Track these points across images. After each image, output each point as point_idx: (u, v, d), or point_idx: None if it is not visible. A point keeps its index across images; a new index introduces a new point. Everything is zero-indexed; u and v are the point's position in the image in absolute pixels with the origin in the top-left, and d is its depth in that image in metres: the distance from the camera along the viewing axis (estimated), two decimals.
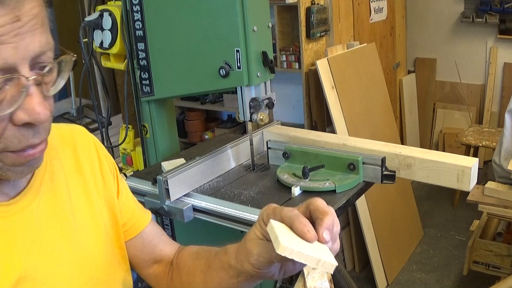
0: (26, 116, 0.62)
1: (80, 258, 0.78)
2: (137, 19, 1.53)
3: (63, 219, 0.77)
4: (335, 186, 1.35)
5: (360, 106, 3.13)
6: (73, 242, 0.78)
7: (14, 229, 0.70)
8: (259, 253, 0.72)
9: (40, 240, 0.73)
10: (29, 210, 0.72)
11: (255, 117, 1.44)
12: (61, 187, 0.79)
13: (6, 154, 0.65)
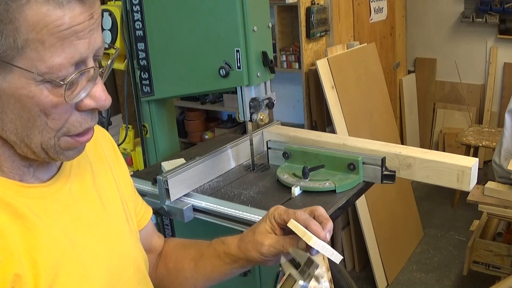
0: (93, 102, 0.70)
1: (111, 236, 0.84)
2: (137, 19, 1.53)
3: (92, 201, 0.83)
4: (335, 186, 1.35)
5: (360, 106, 3.13)
6: (103, 221, 0.83)
7: (51, 209, 0.74)
8: (271, 244, 0.88)
9: (76, 220, 0.78)
10: (63, 192, 0.78)
11: (255, 117, 1.44)
12: (87, 173, 0.85)
13: (65, 139, 0.71)
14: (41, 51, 0.63)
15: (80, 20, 0.64)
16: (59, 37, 0.63)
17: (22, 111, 0.66)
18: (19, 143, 0.69)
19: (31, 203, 0.71)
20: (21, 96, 0.65)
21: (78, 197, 0.80)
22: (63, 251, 0.73)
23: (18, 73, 0.63)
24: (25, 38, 0.61)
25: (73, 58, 0.65)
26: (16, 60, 0.63)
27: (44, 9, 0.61)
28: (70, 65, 0.65)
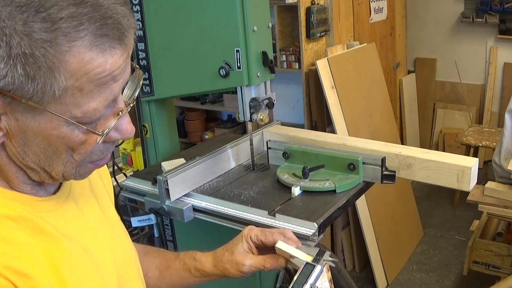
0: (119, 135, 0.70)
1: (115, 241, 0.85)
2: (137, 19, 1.53)
3: (93, 207, 0.84)
4: (335, 186, 1.35)
5: (360, 106, 3.13)
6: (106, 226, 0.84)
7: (63, 220, 0.74)
8: (252, 264, 0.95)
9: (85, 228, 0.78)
10: (69, 201, 0.77)
11: (255, 117, 1.44)
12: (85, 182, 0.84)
13: (86, 165, 0.71)
14: (78, 97, 0.61)
15: (119, 64, 0.63)
16: (98, 84, 0.61)
17: (48, 147, 0.65)
18: (38, 170, 0.68)
19: (46, 216, 0.71)
20: (50, 136, 0.64)
21: (82, 204, 0.80)
22: (83, 262, 0.73)
23: (50, 115, 0.61)
24: (64, 86, 0.59)
25: (107, 101, 0.64)
26: (50, 106, 0.60)
27: (87, 56, 0.59)
28: (104, 108, 0.64)
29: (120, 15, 0.61)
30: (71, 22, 0.57)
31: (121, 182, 1.58)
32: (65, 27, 0.57)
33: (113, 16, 0.60)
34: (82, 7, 0.58)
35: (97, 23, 0.59)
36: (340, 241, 3.18)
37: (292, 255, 0.92)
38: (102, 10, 0.59)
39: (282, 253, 0.94)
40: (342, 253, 3.20)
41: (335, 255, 0.93)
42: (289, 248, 0.93)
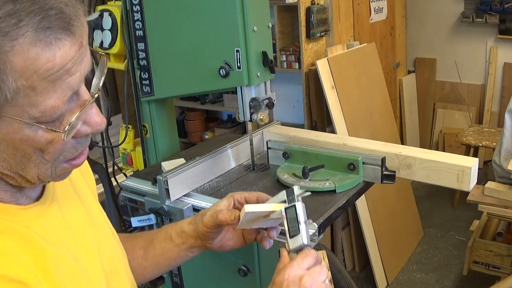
0: (89, 128, 0.67)
1: (101, 243, 0.83)
2: (137, 19, 1.53)
3: (79, 211, 0.82)
4: (335, 186, 1.35)
5: (360, 106, 3.13)
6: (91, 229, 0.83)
7: (49, 226, 0.72)
8: (211, 215, 0.96)
9: (71, 232, 0.76)
10: (54, 207, 0.76)
11: (255, 117, 1.44)
12: (67, 182, 0.82)
13: (62, 166, 0.69)
14: (32, 97, 0.58)
15: (71, 55, 0.59)
16: (50, 80, 0.58)
17: (16, 151, 0.63)
18: (13, 176, 0.66)
19: (31, 224, 0.69)
20: (13, 140, 0.61)
21: (66, 208, 0.78)
22: (71, 267, 0.72)
23: (7, 120, 0.59)
24: (14, 87, 0.56)
25: (66, 97, 0.61)
26: (5, 110, 0.58)
27: (32, 53, 0.56)
28: (64, 104, 0.61)
29: (63, 4, 0.59)
30: (9, 20, 0.55)
31: (121, 182, 1.58)
32: (4, 27, 0.55)
33: (54, 6, 0.58)
34: (19, 3, 0.55)
35: (38, 16, 0.56)
36: (340, 241, 3.18)
37: (265, 211, 0.91)
38: (42, 2, 0.57)
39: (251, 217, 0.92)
40: (342, 253, 3.20)
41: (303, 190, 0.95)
42: (259, 207, 0.92)
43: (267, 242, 0.98)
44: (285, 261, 0.83)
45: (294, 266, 0.79)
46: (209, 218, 0.95)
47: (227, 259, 1.47)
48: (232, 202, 0.98)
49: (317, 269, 0.79)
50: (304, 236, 0.84)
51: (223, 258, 1.48)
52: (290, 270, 0.79)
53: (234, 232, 1.02)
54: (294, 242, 0.84)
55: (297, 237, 0.84)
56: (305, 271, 0.79)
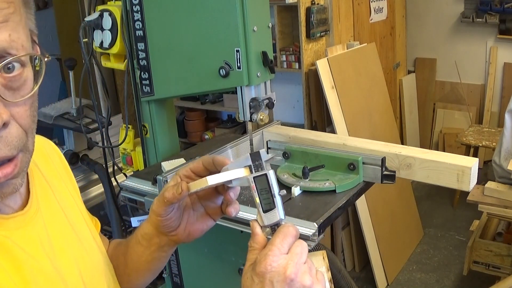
0: None
1: (84, 255, 0.81)
2: (137, 19, 1.53)
3: (61, 222, 0.79)
4: (335, 186, 1.35)
5: (360, 106, 3.13)
6: (74, 241, 0.81)
7: (32, 238, 0.69)
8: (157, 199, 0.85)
9: (54, 244, 0.74)
10: (38, 218, 0.73)
11: (255, 117, 1.44)
12: (49, 193, 0.80)
13: None
14: None
15: None
16: None
17: None
18: None
19: (12, 235, 0.66)
20: None
21: (49, 220, 0.76)
22: (51, 281, 0.70)
23: None
24: None
25: None
26: None
27: None
28: None
29: None
30: None
31: (121, 182, 1.58)
32: None
33: None
34: None
35: None
36: (340, 241, 3.18)
37: (229, 180, 0.79)
38: None
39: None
40: (342, 253, 3.20)
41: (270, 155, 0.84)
42: (221, 176, 0.79)
43: (233, 209, 0.86)
44: (260, 240, 0.76)
45: (275, 254, 0.72)
46: (157, 204, 0.85)
47: (227, 259, 1.47)
48: (179, 179, 0.86)
49: (297, 249, 0.73)
50: (280, 210, 0.76)
51: (223, 258, 1.48)
52: (272, 258, 0.71)
53: (195, 213, 0.90)
54: (269, 218, 0.76)
55: (273, 212, 0.76)
56: (287, 257, 0.72)
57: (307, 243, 1.09)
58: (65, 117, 2.19)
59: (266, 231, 0.77)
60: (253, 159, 0.79)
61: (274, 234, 0.75)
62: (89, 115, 2.21)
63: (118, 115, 2.84)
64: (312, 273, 0.74)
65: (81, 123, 1.98)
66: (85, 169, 2.23)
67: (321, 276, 0.76)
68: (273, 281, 0.71)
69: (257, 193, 0.77)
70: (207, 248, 1.52)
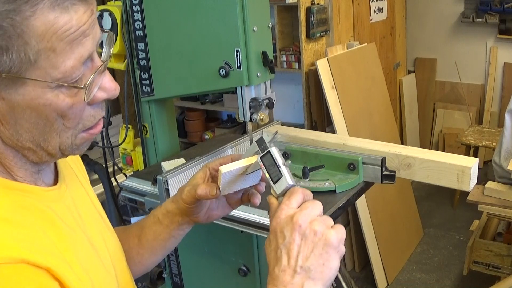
0: (105, 94, 0.71)
1: (106, 234, 0.86)
2: (137, 19, 1.53)
3: (86, 201, 0.85)
4: (335, 186, 1.35)
5: (360, 106, 3.13)
6: (98, 220, 0.86)
7: (68, 212, 0.75)
8: (189, 190, 0.94)
9: (84, 220, 0.79)
10: (68, 194, 0.78)
11: (255, 117, 1.44)
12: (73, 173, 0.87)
13: (81, 135, 0.72)
14: (53, 58, 0.63)
15: (85, 19, 0.65)
16: (68, 41, 0.63)
17: (39, 119, 0.66)
18: (35, 149, 0.69)
19: (53, 206, 0.72)
20: (37, 106, 0.65)
21: (75, 195, 0.81)
22: (89, 253, 0.75)
23: (32, 84, 0.63)
24: (37, 49, 0.61)
25: (82, 57, 0.65)
26: (29, 73, 0.62)
27: (51, 16, 0.61)
28: (81, 65, 0.66)
29: None
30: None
31: (121, 182, 1.58)
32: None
33: None
34: None
35: None
36: None
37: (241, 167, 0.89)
38: None
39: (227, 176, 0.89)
40: None
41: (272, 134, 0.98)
42: (234, 164, 0.90)
43: (256, 198, 0.95)
44: (275, 207, 0.82)
45: (283, 208, 0.78)
46: (187, 194, 0.94)
47: (227, 259, 1.47)
48: (208, 172, 0.96)
49: (308, 204, 0.78)
50: (287, 177, 0.82)
51: (223, 258, 1.48)
52: (280, 213, 0.77)
53: (217, 201, 0.99)
54: (279, 186, 0.83)
55: (281, 180, 0.82)
56: (295, 209, 0.77)
57: None
58: None
59: (280, 201, 0.82)
60: (259, 144, 0.87)
61: None
62: None
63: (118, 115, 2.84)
64: (326, 223, 0.76)
65: None
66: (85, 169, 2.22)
67: (339, 226, 0.77)
68: (283, 231, 0.75)
69: (266, 169, 0.84)
70: (207, 248, 1.52)
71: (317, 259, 0.73)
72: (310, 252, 0.74)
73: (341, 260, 0.81)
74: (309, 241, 0.74)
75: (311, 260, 0.73)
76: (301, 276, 0.73)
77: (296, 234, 0.74)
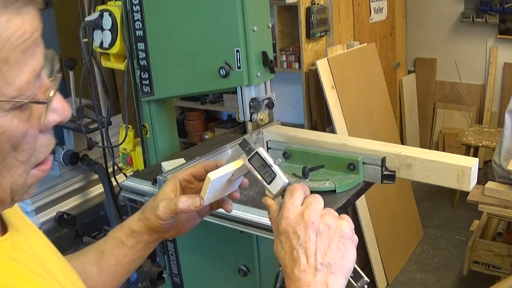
0: (58, 116, 0.62)
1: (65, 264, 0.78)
2: (137, 19, 1.53)
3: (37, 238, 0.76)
4: (335, 186, 1.35)
5: (360, 106, 3.13)
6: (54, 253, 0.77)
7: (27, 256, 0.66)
8: (165, 205, 0.87)
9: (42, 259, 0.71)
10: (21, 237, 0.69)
11: (255, 117, 1.44)
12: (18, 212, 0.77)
13: (33, 172, 0.62)
14: (6, 72, 0.53)
15: (37, 24, 0.56)
16: (22, 50, 0.54)
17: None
18: None
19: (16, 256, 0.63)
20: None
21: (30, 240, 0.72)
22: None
23: None
24: None
25: (35, 71, 0.56)
26: None
27: (3, 19, 0.51)
28: (34, 80, 0.56)
29: None
30: None
31: (121, 182, 1.58)
32: None
33: None
34: None
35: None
36: None
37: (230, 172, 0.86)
38: None
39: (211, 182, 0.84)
40: None
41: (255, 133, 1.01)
42: (222, 170, 0.85)
43: (229, 205, 0.91)
44: (275, 208, 0.80)
45: (289, 208, 0.75)
46: (165, 210, 0.86)
47: (227, 259, 1.47)
48: (178, 184, 0.91)
49: (311, 199, 0.76)
50: (282, 176, 0.81)
51: (223, 258, 1.48)
52: (288, 213, 0.75)
53: (188, 214, 0.93)
54: (275, 186, 0.81)
55: (276, 180, 0.81)
56: (302, 207, 0.75)
57: None
58: None
59: (279, 201, 0.81)
60: (243, 146, 0.84)
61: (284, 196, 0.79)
62: (89, 115, 2.22)
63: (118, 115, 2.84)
64: (335, 215, 0.75)
65: (81, 123, 1.98)
66: (85, 169, 2.22)
67: (346, 216, 0.77)
68: (296, 230, 0.73)
69: (257, 171, 0.83)
70: (207, 248, 1.52)
71: (336, 252, 0.73)
72: (327, 247, 0.72)
73: None
74: (324, 236, 0.73)
75: (330, 255, 0.72)
76: (323, 272, 0.71)
77: (310, 231, 0.73)
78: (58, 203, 2.11)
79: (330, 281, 0.71)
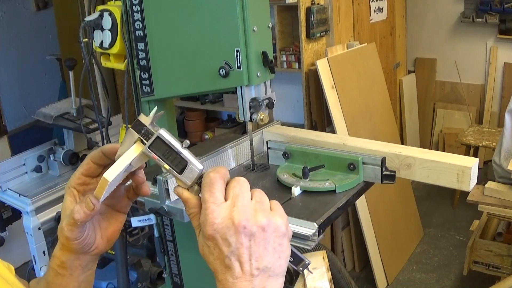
0: None
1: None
2: (137, 19, 1.53)
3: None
4: (335, 186, 1.35)
5: (360, 106, 3.13)
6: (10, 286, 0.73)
7: None
8: (66, 224, 0.76)
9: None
10: None
11: (255, 117, 1.44)
12: None
13: None
14: None
15: None
16: None
17: None
18: None
19: None
20: None
21: None
22: None
23: None
24: None
25: None
26: None
27: None
28: None
29: None
30: None
31: None
32: None
33: None
34: None
35: None
36: (340, 241, 3.18)
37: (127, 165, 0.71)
38: None
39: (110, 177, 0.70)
40: (342, 253, 3.20)
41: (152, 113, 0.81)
42: (118, 166, 0.71)
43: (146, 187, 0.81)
44: (194, 202, 0.72)
45: (212, 209, 0.66)
46: (69, 228, 0.76)
47: None
48: (75, 192, 0.80)
49: (235, 190, 0.67)
50: (194, 162, 0.69)
51: None
52: (213, 216, 0.66)
53: (105, 216, 0.83)
54: (188, 176, 0.70)
55: (188, 168, 0.69)
56: (228, 205, 0.66)
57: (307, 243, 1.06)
58: (65, 117, 2.19)
59: (195, 191, 0.70)
60: (137, 129, 0.71)
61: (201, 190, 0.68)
62: (89, 115, 2.21)
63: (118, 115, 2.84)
64: (265, 207, 0.68)
65: (81, 123, 1.98)
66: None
67: (277, 205, 0.69)
68: (227, 237, 0.65)
69: (162, 159, 0.70)
70: None
71: (272, 254, 0.66)
72: (263, 250, 0.66)
73: (341, 260, 0.79)
74: (258, 239, 0.66)
75: (266, 258, 0.66)
76: (260, 277, 0.66)
77: (242, 237, 0.65)
78: (58, 203, 2.11)
79: (269, 285, 0.66)
